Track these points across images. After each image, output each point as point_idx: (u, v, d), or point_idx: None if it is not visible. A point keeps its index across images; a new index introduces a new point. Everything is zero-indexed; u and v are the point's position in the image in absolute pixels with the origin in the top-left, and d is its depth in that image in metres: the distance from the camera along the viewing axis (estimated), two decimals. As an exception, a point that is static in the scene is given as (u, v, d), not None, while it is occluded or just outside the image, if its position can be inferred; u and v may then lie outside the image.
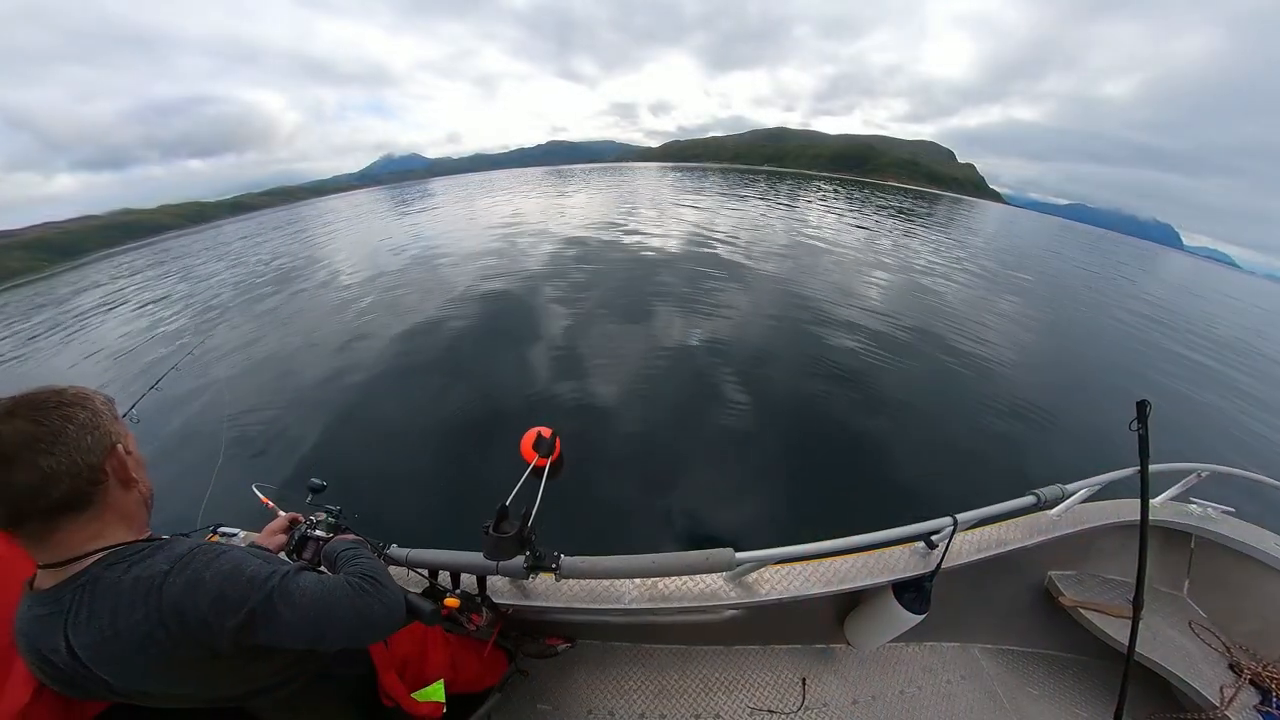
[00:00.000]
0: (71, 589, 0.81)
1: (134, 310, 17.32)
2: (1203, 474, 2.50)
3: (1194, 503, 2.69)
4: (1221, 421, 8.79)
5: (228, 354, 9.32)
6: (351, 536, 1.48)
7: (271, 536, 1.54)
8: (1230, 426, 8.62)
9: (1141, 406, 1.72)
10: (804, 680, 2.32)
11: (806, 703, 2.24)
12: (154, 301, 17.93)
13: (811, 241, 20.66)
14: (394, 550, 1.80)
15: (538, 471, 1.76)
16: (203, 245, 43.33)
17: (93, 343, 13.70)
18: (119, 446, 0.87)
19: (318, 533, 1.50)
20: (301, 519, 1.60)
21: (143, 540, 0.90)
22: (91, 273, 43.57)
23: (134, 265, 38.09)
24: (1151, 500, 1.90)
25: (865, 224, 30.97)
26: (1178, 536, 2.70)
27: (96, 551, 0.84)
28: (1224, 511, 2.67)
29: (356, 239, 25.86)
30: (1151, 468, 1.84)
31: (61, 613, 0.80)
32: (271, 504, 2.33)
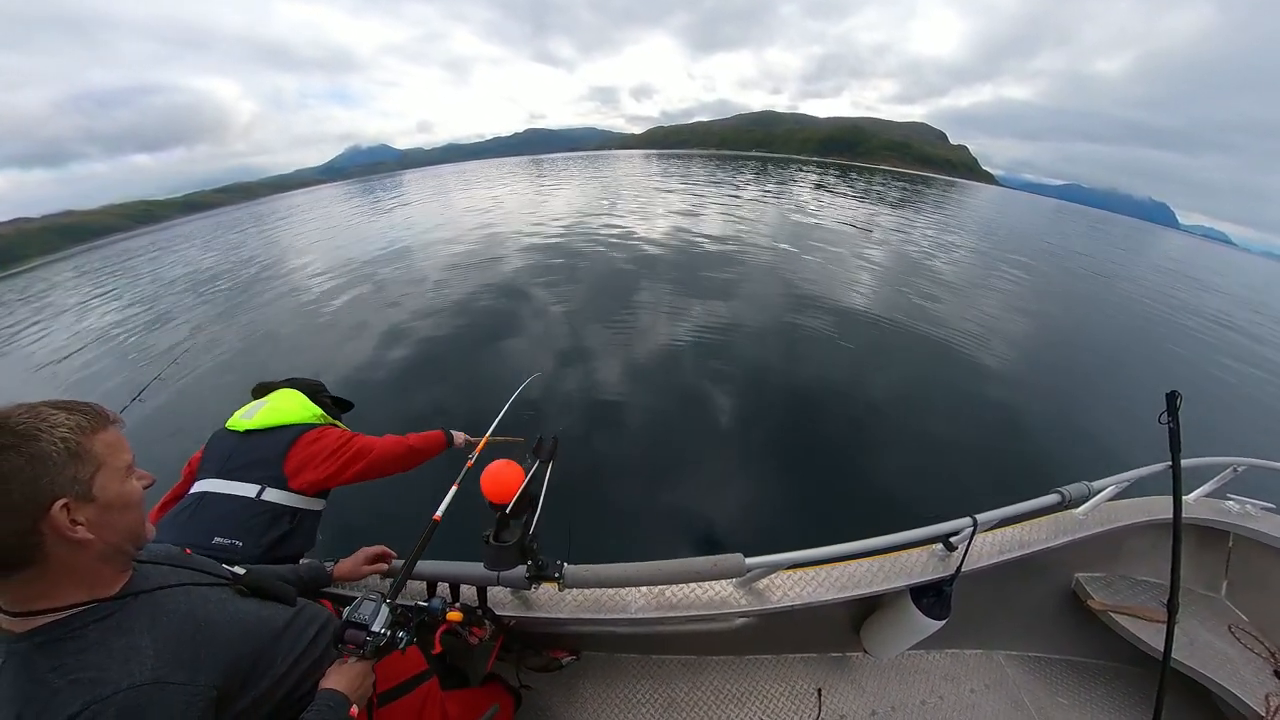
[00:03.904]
0: (6, 651, 0.74)
1: (101, 317, 16.75)
2: (1240, 468, 2.37)
3: (1231, 499, 2.57)
4: (1257, 412, 8.45)
5: (208, 360, 9.30)
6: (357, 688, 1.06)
7: (357, 568, 1.57)
8: (1267, 417, 8.28)
9: (1171, 398, 1.66)
10: (820, 691, 2.24)
11: (823, 714, 2.16)
12: (122, 308, 17.48)
13: (808, 232, 20.44)
14: (390, 563, 1.78)
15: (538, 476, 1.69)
16: (157, 247, 41.96)
17: (49, 355, 13.19)
18: (57, 505, 0.72)
19: (367, 624, 1.08)
20: (391, 558, 1.67)
21: (113, 598, 0.81)
22: (29, 281, 40.75)
23: (89, 271, 35.94)
24: (1185, 497, 1.81)
25: (862, 213, 30.71)
26: (1214, 535, 2.58)
27: (44, 612, 0.75)
28: (1264, 508, 2.54)
29: (332, 238, 25.41)
30: (1184, 462, 1.77)
31: None
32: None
